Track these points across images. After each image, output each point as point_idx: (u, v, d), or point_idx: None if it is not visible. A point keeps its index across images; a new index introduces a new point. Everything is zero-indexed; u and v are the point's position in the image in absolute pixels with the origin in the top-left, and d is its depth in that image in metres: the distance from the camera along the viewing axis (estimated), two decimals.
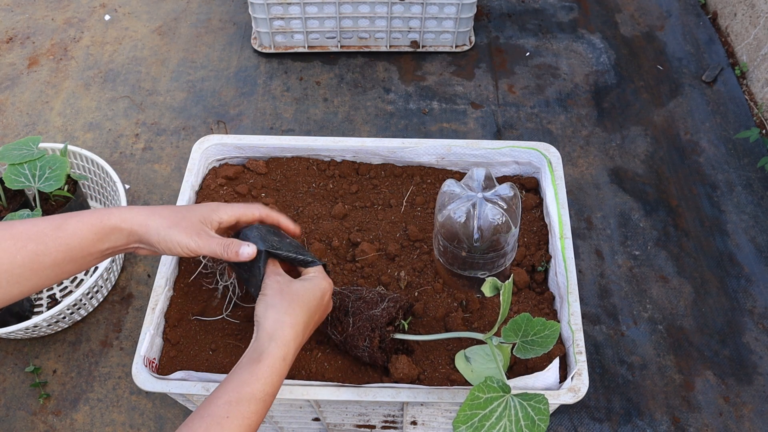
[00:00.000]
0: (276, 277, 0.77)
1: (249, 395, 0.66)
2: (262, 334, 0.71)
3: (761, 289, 1.40)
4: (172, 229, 0.72)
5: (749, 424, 1.23)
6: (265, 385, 0.67)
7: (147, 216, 0.73)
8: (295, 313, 0.73)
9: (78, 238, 0.69)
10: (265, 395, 0.67)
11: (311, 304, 0.75)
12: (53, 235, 0.67)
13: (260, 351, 0.69)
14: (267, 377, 0.67)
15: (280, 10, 1.76)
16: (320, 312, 0.78)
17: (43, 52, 1.91)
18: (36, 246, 0.66)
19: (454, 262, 0.91)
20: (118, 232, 0.72)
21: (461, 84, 1.81)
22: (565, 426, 1.23)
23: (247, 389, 0.66)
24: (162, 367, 0.90)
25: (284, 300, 0.73)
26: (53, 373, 1.30)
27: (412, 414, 0.94)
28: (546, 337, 0.76)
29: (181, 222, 0.73)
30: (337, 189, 1.10)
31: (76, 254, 0.69)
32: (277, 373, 0.69)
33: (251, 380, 0.66)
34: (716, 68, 1.82)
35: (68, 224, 0.69)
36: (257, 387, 0.66)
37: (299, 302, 0.74)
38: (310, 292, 0.76)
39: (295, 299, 0.74)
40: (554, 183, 1.03)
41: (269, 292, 0.75)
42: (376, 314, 0.84)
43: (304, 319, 0.74)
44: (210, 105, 1.76)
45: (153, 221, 0.72)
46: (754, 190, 1.57)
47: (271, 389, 0.68)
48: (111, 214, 0.71)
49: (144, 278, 1.43)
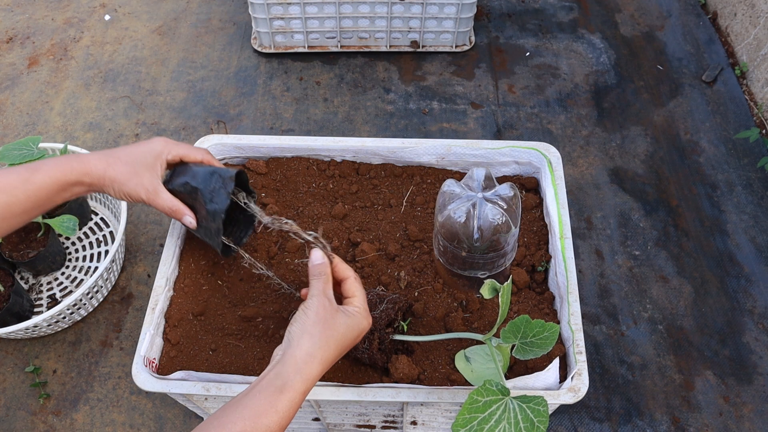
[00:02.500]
0: (323, 300, 0.74)
1: (265, 428, 0.63)
2: (290, 361, 0.68)
3: (761, 289, 1.40)
4: (126, 185, 0.82)
5: (749, 424, 1.23)
6: (282, 418, 0.65)
7: (105, 168, 0.82)
8: (330, 350, 0.70)
9: (45, 191, 0.79)
10: (280, 428, 0.65)
11: (346, 342, 0.73)
12: (22, 188, 0.77)
13: (284, 381, 0.66)
14: (286, 411, 0.65)
15: (280, 10, 1.76)
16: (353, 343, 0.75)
17: (43, 52, 1.91)
18: (7, 198, 0.76)
19: (454, 262, 0.91)
20: (79, 185, 0.82)
21: (461, 84, 1.81)
22: (565, 426, 1.23)
23: (264, 421, 0.63)
24: (162, 367, 0.90)
25: (324, 333, 0.71)
26: (53, 373, 1.30)
27: (412, 414, 0.94)
28: (545, 339, 0.75)
29: (134, 177, 0.82)
30: (337, 189, 1.10)
31: (42, 203, 0.79)
32: (296, 406, 0.66)
33: (270, 412, 0.64)
34: (716, 68, 1.82)
35: (35, 178, 0.78)
36: (274, 419, 0.64)
37: (336, 338, 0.71)
38: (350, 330, 0.73)
39: (333, 335, 0.71)
40: (554, 183, 1.03)
41: (311, 315, 0.71)
42: (376, 316, 0.84)
43: (334, 355, 0.71)
44: (210, 105, 1.76)
45: (110, 175, 0.82)
46: (754, 190, 1.57)
47: (287, 422, 0.66)
48: (73, 169, 0.80)
49: (144, 278, 1.43)
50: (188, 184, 0.86)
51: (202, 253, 1.01)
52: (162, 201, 0.85)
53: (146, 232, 1.51)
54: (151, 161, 0.85)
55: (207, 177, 0.85)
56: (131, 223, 1.52)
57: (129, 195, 0.83)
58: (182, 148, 0.89)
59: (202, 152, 0.91)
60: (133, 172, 0.83)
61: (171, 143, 0.88)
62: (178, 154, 0.88)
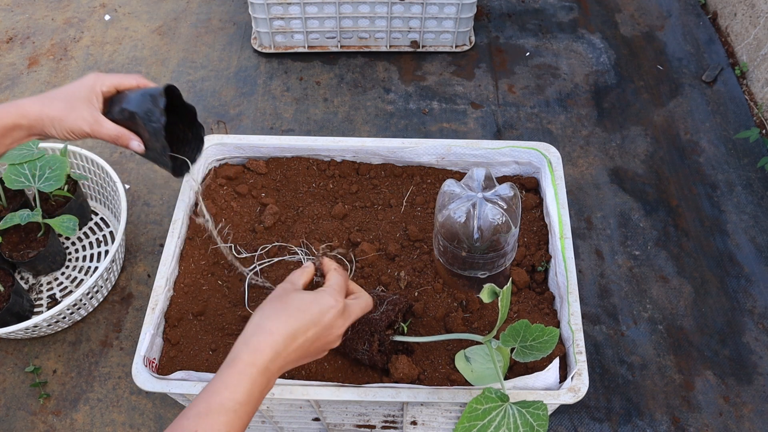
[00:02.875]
0: (284, 283, 0.72)
1: (218, 405, 0.61)
2: (240, 338, 0.66)
3: (761, 289, 1.40)
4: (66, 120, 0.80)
5: (749, 424, 1.23)
6: (234, 393, 0.61)
7: (41, 108, 0.80)
8: (279, 320, 0.67)
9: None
10: (236, 404, 0.61)
11: (304, 316, 0.68)
12: None
13: (233, 355, 0.64)
14: (236, 384, 0.62)
15: (280, 10, 1.76)
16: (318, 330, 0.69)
17: (43, 52, 1.91)
18: None
19: (454, 262, 0.91)
20: (18, 129, 0.80)
21: (461, 84, 1.81)
22: (565, 426, 1.23)
23: (216, 398, 0.61)
24: (162, 367, 0.90)
25: (274, 306, 0.68)
26: (53, 373, 1.30)
27: (412, 414, 0.94)
28: (545, 342, 0.75)
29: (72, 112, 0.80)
30: (337, 189, 1.10)
31: None
32: (249, 380, 0.63)
33: (220, 388, 0.62)
34: (716, 68, 1.82)
35: None
36: (226, 395, 0.61)
37: (289, 310, 0.68)
38: (308, 303, 0.69)
39: (286, 307, 0.68)
40: (554, 183, 1.03)
41: (269, 297, 0.70)
42: (375, 318, 0.84)
43: (288, 329, 0.66)
44: (210, 105, 1.76)
45: (48, 114, 0.80)
46: (754, 190, 1.57)
47: (244, 397, 0.62)
48: (8, 113, 0.79)
49: (144, 278, 1.43)
50: (125, 110, 0.84)
51: (202, 253, 1.01)
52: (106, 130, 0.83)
53: (146, 232, 1.51)
54: (87, 94, 0.83)
55: (140, 99, 0.84)
56: (131, 223, 1.52)
57: (71, 131, 0.81)
58: (114, 77, 0.87)
59: (134, 78, 0.88)
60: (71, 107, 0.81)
61: (102, 75, 0.86)
62: (112, 84, 0.86)
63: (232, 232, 1.03)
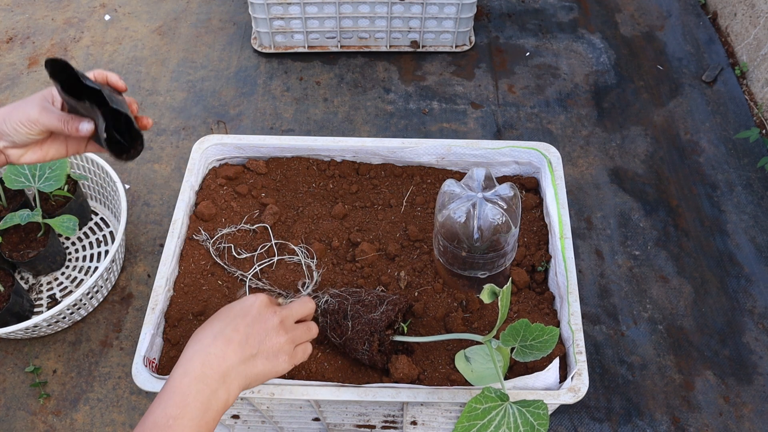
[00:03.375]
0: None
1: (151, 424, 0.61)
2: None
3: (761, 289, 1.40)
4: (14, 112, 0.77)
5: (749, 424, 1.23)
6: (165, 408, 0.61)
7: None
8: (205, 330, 0.68)
9: None
10: (168, 419, 0.61)
11: (228, 314, 0.70)
12: None
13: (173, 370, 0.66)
14: (167, 399, 0.62)
15: (280, 10, 1.76)
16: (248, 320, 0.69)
17: (43, 52, 1.91)
18: None
19: (454, 262, 0.91)
20: None
21: (461, 84, 1.81)
22: (565, 426, 1.23)
23: (150, 418, 0.61)
24: (162, 367, 0.90)
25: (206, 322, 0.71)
26: (53, 373, 1.30)
27: (412, 414, 0.94)
28: (545, 342, 0.75)
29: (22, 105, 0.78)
30: (337, 189, 1.10)
31: None
32: (179, 392, 0.63)
33: (154, 407, 0.62)
34: (716, 68, 1.82)
35: None
36: (158, 413, 0.61)
37: (213, 320, 0.70)
38: (230, 306, 0.72)
39: (211, 319, 0.70)
40: (554, 183, 1.03)
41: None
42: (375, 318, 0.84)
43: (213, 330, 0.68)
44: (210, 105, 1.76)
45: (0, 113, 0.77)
46: (754, 190, 1.57)
47: (176, 411, 0.61)
48: None
49: (144, 278, 1.43)
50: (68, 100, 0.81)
51: (202, 253, 1.01)
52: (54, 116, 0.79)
53: (146, 232, 1.51)
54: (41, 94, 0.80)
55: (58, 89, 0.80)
56: (131, 223, 1.52)
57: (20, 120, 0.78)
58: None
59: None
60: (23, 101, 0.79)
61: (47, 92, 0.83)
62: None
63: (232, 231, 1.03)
